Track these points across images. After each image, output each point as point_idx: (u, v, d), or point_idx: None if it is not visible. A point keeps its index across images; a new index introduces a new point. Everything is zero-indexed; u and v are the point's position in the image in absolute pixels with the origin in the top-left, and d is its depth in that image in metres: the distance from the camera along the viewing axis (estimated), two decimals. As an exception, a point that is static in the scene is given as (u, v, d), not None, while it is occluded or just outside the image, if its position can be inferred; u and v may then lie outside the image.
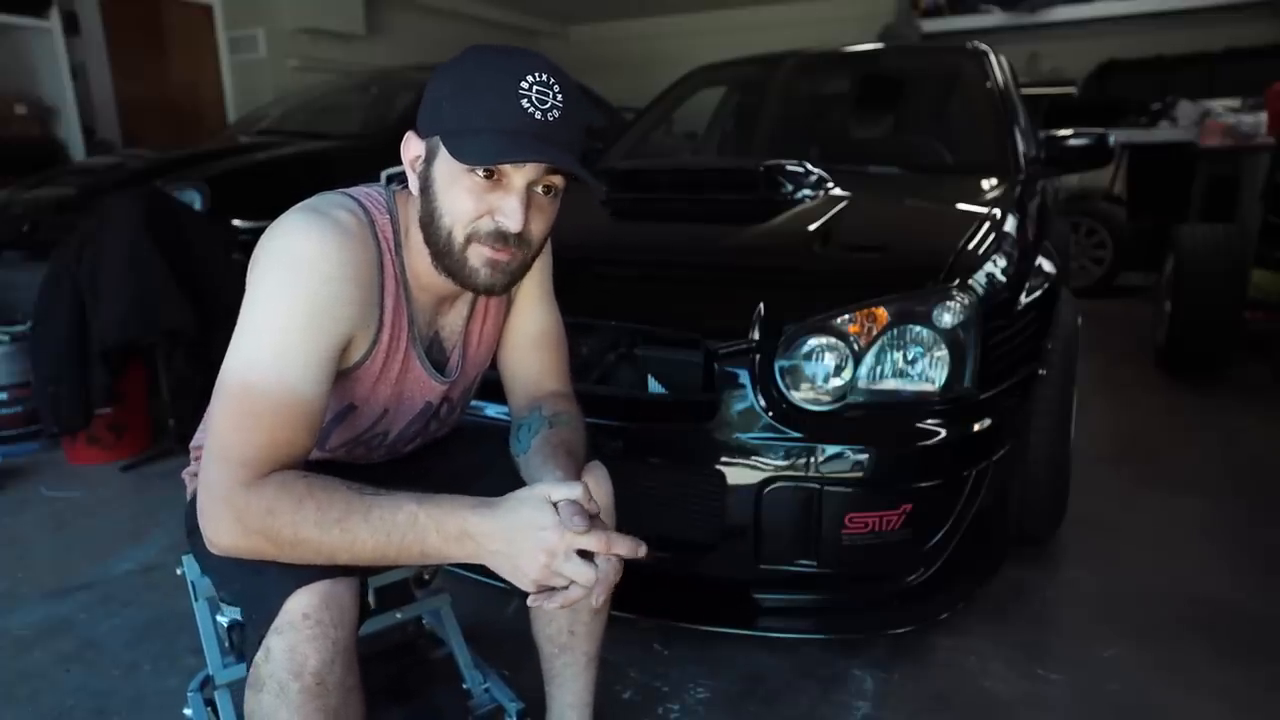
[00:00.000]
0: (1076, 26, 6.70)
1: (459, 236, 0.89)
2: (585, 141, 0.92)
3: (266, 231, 0.87)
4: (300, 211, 0.88)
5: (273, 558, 0.79)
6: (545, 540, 0.79)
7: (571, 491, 0.82)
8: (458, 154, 0.84)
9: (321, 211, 0.88)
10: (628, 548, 0.81)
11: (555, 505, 0.81)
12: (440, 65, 0.89)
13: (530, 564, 0.79)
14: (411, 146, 0.92)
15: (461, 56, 0.88)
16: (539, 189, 0.89)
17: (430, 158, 0.89)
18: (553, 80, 0.84)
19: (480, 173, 0.85)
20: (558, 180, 0.90)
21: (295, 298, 0.83)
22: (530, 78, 0.83)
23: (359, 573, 0.86)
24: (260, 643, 0.79)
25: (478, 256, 0.90)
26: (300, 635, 0.78)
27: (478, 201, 0.87)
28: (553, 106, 0.84)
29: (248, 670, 0.81)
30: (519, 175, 0.86)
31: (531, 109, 0.83)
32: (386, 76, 4.53)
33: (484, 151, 0.83)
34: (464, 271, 0.91)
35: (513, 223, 0.87)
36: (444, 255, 0.91)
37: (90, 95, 5.14)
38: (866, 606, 1.51)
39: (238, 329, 0.84)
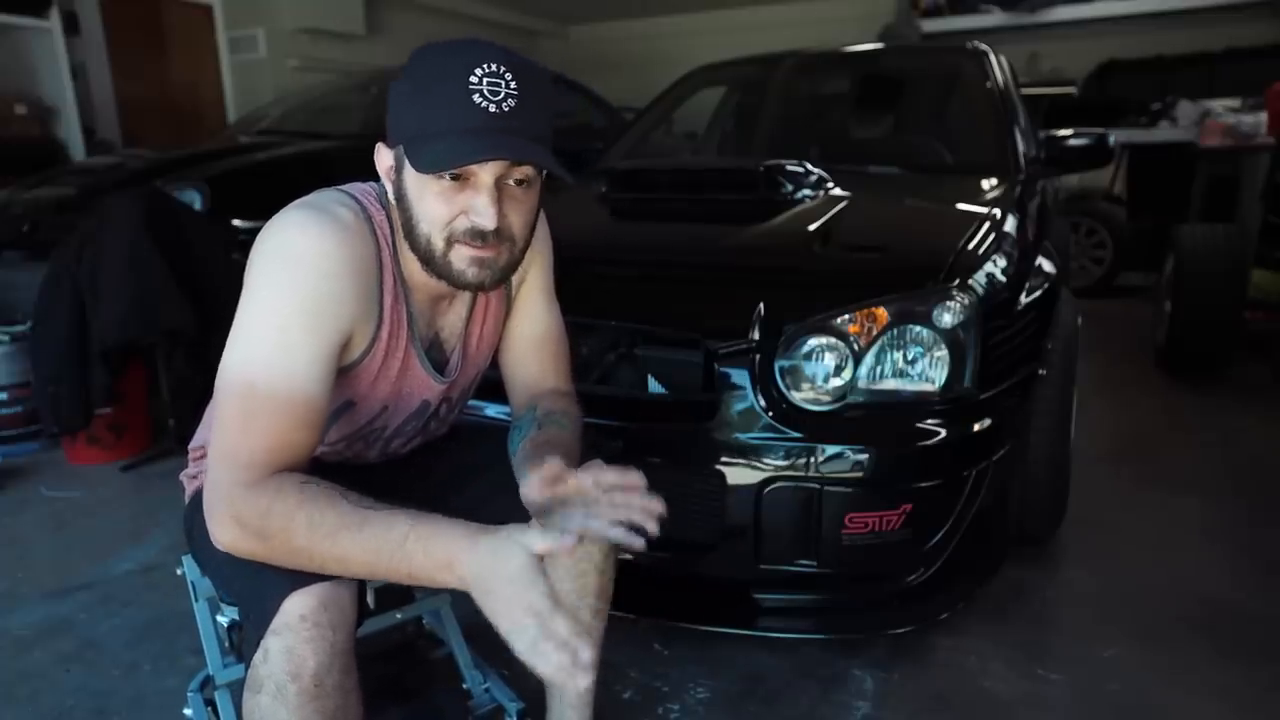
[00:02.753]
0: (1076, 26, 6.70)
1: (438, 241, 0.88)
2: (557, 120, 0.90)
3: (264, 228, 0.87)
4: (298, 208, 0.88)
5: (269, 560, 0.79)
6: (529, 604, 0.73)
7: (550, 543, 0.75)
8: (415, 163, 0.83)
9: (319, 208, 0.88)
10: (586, 651, 0.72)
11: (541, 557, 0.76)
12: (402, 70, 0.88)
13: (507, 627, 0.74)
14: (383, 157, 0.91)
15: (415, 58, 0.86)
16: (510, 182, 0.88)
17: (399, 166, 0.88)
18: (503, 69, 0.82)
19: (446, 176, 0.84)
20: (528, 171, 0.88)
21: (295, 295, 0.83)
22: (479, 70, 0.81)
23: None
24: (259, 644, 0.79)
25: (461, 257, 0.89)
26: (298, 637, 0.78)
27: (449, 204, 0.86)
28: (506, 96, 0.82)
29: (246, 671, 0.81)
30: (484, 172, 0.85)
31: (484, 103, 0.81)
32: (386, 76, 4.52)
33: (436, 158, 0.82)
34: (451, 273, 0.90)
35: (486, 220, 0.86)
36: (429, 261, 0.90)
37: (90, 95, 5.14)
38: (866, 606, 1.51)
39: (236, 326, 0.84)
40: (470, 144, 0.82)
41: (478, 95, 0.81)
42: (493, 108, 0.81)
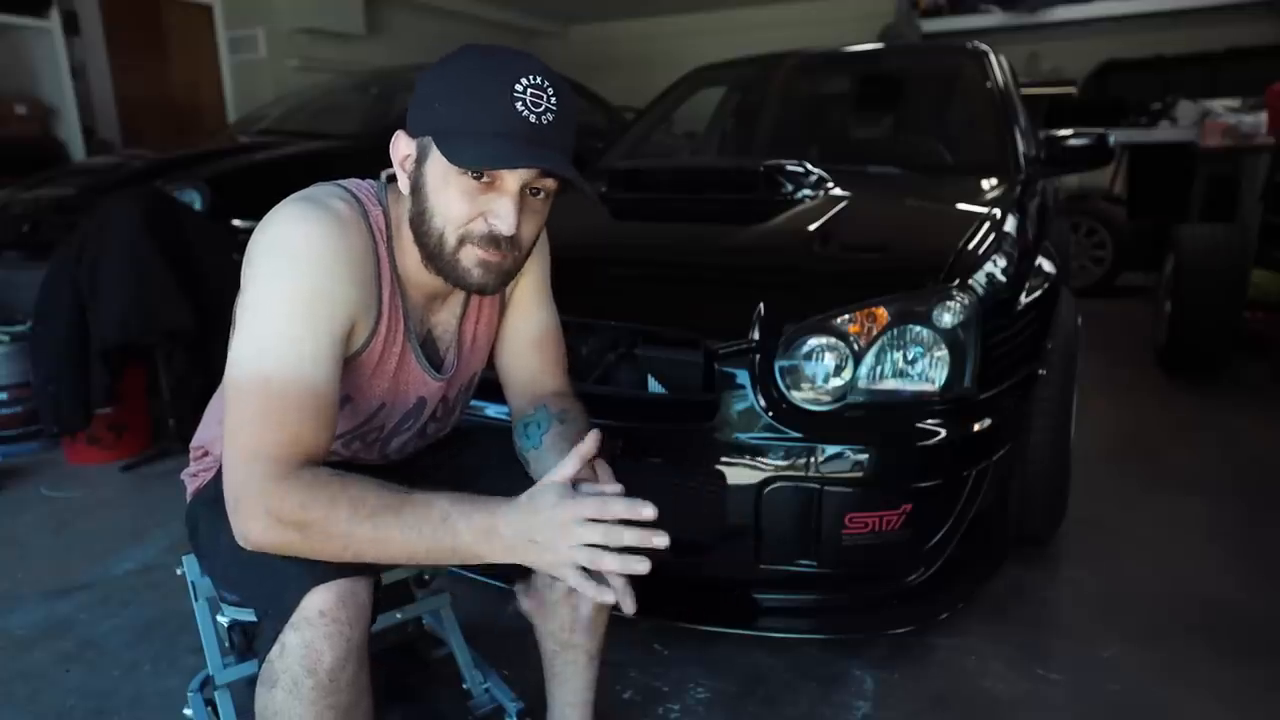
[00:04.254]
0: (1076, 26, 6.68)
1: (451, 239, 0.89)
2: (577, 141, 0.92)
3: (262, 222, 0.87)
4: (295, 202, 0.88)
5: (300, 552, 0.79)
6: (565, 515, 0.79)
7: (573, 462, 0.84)
8: (452, 156, 0.83)
9: (316, 201, 0.89)
10: (648, 508, 0.80)
11: (575, 485, 0.83)
12: (432, 64, 0.89)
13: (565, 550, 0.78)
14: (401, 145, 0.91)
15: (454, 56, 0.88)
16: (531, 191, 0.89)
17: (422, 158, 0.88)
18: (546, 83, 0.84)
19: (473, 175, 0.85)
20: (550, 183, 0.90)
21: (296, 288, 0.83)
22: (525, 80, 0.83)
23: (373, 571, 0.86)
24: (275, 638, 0.80)
25: (470, 258, 0.90)
26: (316, 632, 0.78)
27: (470, 204, 0.87)
28: (547, 109, 0.84)
29: (259, 667, 0.82)
30: (512, 178, 0.86)
31: (526, 112, 0.83)
32: (386, 76, 4.53)
33: (479, 155, 0.83)
34: (456, 272, 0.91)
35: (505, 226, 0.87)
36: (435, 256, 0.91)
37: (90, 95, 5.13)
38: (866, 606, 1.51)
39: (240, 322, 0.84)
40: (512, 149, 0.83)
41: (520, 104, 0.83)
42: (534, 118, 0.83)
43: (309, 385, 0.82)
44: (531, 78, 0.83)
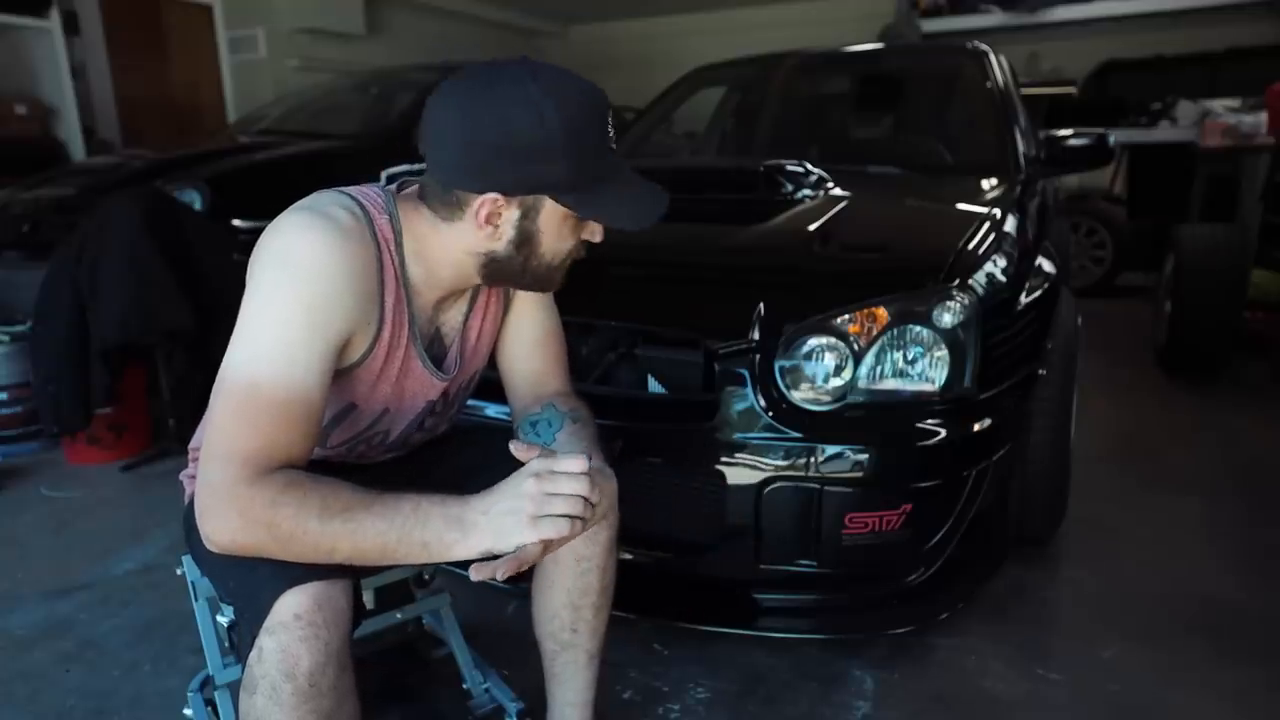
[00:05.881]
0: (1076, 26, 6.68)
1: (563, 267, 0.97)
2: None
3: (265, 231, 0.87)
4: (298, 211, 0.88)
5: (271, 554, 0.79)
6: (531, 469, 0.84)
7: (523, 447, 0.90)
8: (606, 218, 0.92)
9: (319, 210, 0.88)
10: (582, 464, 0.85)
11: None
12: (487, 107, 0.84)
13: (525, 501, 0.81)
14: (489, 207, 0.88)
15: (562, 100, 0.84)
16: None
17: (530, 214, 0.91)
18: (604, 97, 0.90)
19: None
20: None
21: (295, 297, 0.83)
22: (610, 114, 0.89)
23: (352, 574, 0.86)
24: (253, 643, 0.79)
25: (564, 273, 0.99)
26: (292, 635, 0.78)
27: (576, 234, 0.95)
28: (614, 138, 0.91)
29: (242, 671, 0.81)
30: None
31: (613, 143, 0.90)
32: (386, 76, 4.53)
33: (635, 215, 0.91)
34: (550, 286, 1.01)
35: (600, 237, 0.97)
36: (533, 284, 0.99)
37: (90, 95, 5.13)
38: (866, 606, 1.51)
39: (237, 328, 0.84)
40: (651, 199, 0.93)
41: (612, 136, 0.90)
42: (615, 144, 0.91)
43: (298, 393, 0.82)
44: (598, 95, 0.89)
